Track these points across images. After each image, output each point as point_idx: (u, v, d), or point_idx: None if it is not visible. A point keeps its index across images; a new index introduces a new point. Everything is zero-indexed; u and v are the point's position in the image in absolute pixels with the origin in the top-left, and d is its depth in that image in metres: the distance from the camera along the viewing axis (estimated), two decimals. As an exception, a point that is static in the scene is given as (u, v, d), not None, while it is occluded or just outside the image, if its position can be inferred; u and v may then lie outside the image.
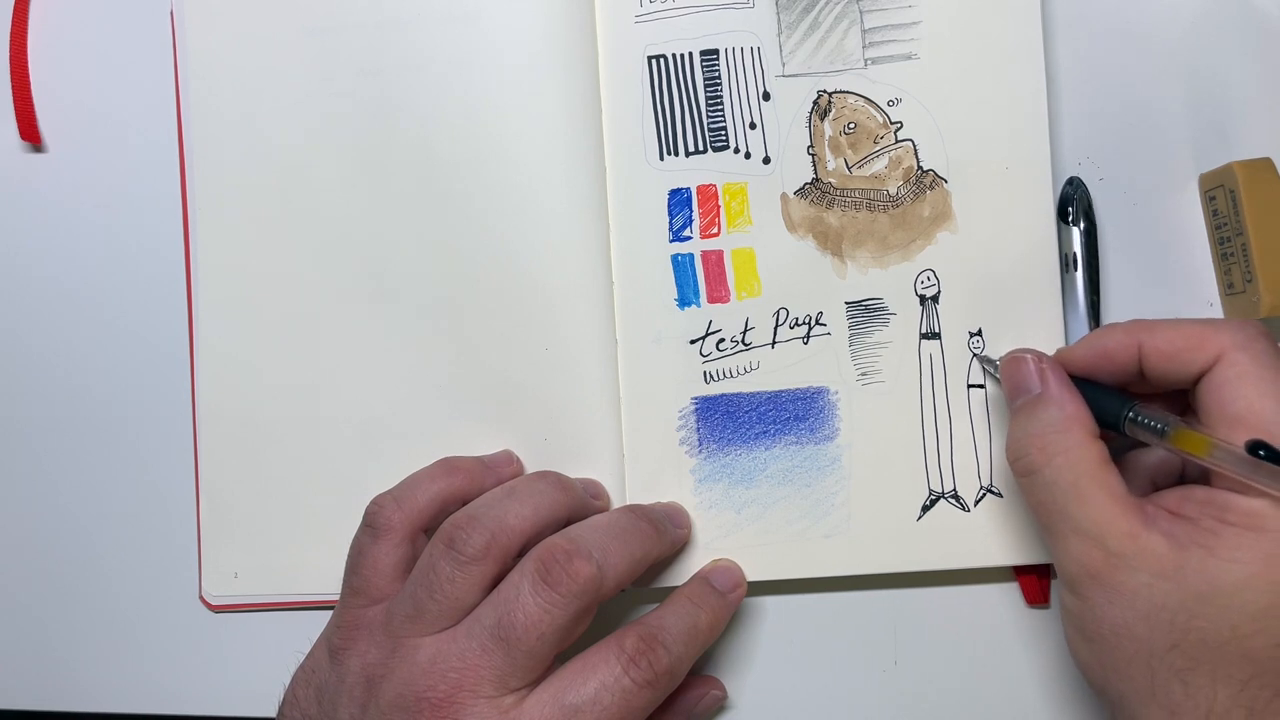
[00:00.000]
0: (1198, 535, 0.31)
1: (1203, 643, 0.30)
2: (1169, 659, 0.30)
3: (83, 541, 0.45)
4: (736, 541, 0.41)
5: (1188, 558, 0.30)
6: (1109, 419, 0.34)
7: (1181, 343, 0.32)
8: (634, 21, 0.41)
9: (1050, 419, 0.33)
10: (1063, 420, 0.33)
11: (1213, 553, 0.30)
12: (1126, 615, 0.31)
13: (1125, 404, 0.34)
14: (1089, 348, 0.35)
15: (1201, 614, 0.30)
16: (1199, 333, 0.32)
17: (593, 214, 0.41)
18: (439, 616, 0.34)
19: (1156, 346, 0.33)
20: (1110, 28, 0.41)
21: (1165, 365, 0.33)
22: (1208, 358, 0.32)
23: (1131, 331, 0.34)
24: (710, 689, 0.40)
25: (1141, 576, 0.31)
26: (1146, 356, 0.33)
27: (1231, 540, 0.30)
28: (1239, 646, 0.30)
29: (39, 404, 0.46)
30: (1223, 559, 0.30)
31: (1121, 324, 0.34)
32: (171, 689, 0.45)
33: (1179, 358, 0.33)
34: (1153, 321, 0.34)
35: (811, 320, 0.41)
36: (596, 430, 0.41)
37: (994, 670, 0.41)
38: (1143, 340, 0.33)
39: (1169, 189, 0.41)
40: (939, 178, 0.40)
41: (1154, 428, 0.33)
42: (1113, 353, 0.34)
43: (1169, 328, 0.33)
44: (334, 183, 0.43)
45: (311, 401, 0.43)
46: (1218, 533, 0.30)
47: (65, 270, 0.46)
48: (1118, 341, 0.34)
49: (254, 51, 0.43)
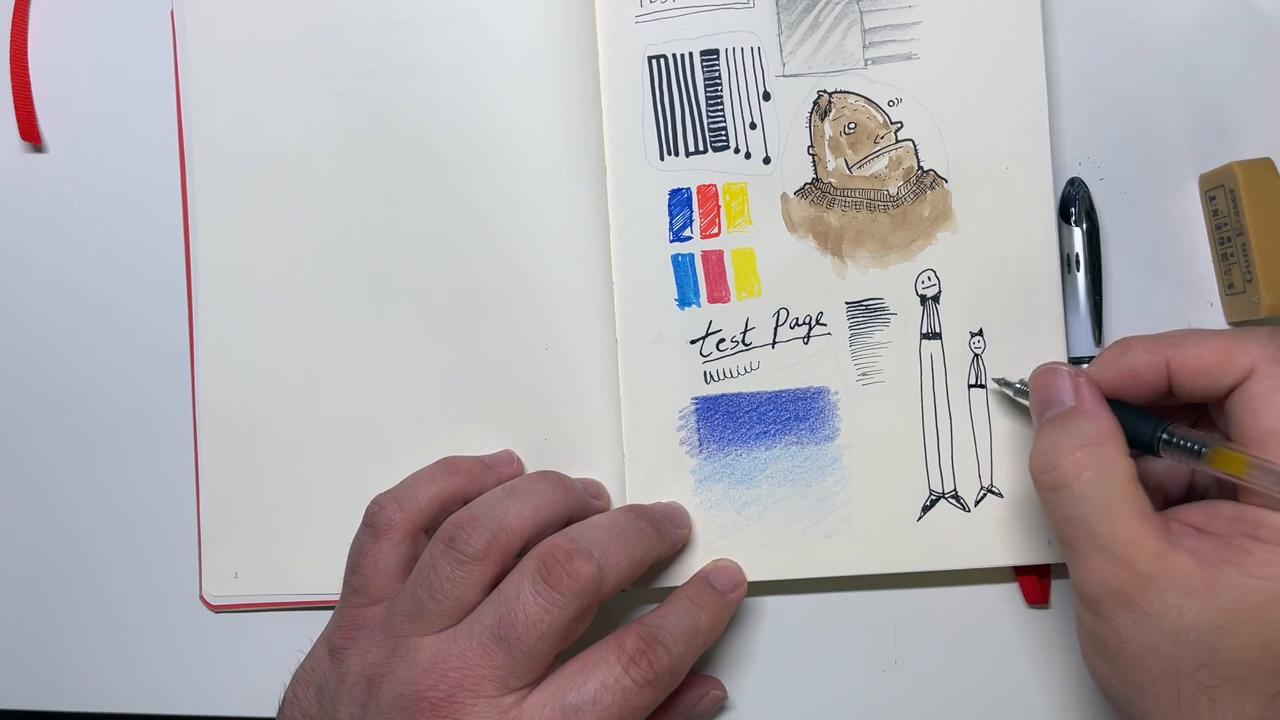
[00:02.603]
0: (1228, 553, 0.30)
1: (1233, 660, 0.30)
2: (1197, 677, 0.30)
3: (83, 541, 0.45)
4: (736, 541, 0.41)
5: (1218, 575, 0.30)
6: (1141, 439, 0.33)
7: (1211, 358, 0.32)
8: (634, 21, 0.41)
9: (1084, 432, 0.32)
10: (1096, 434, 0.32)
11: (1244, 570, 0.30)
12: (1153, 636, 0.30)
13: (1158, 424, 0.33)
14: (1115, 368, 0.34)
15: (1233, 632, 0.29)
16: (1228, 346, 0.32)
17: (593, 214, 0.41)
18: (439, 616, 0.34)
19: (1186, 363, 0.32)
20: (1110, 28, 0.41)
21: (1195, 382, 0.32)
22: (1239, 372, 0.31)
23: (1157, 349, 0.33)
24: (710, 689, 0.40)
25: (1171, 598, 0.30)
26: (1176, 374, 0.33)
27: (1264, 558, 0.30)
28: (1269, 662, 0.29)
29: (39, 404, 0.46)
30: (1255, 576, 0.29)
31: (1143, 340, 0.33)
32: (171, 689, 0.45)
33: (1209, 373, 0.32)
34: (1177, 336, 0.33)
35: (812, 320, 0.41)
36: (596, 430, 0.41)
37: (994, 670, 0.41)
38: (1170, 357, 0.33)
39: (1169, 189, 0.41)
40: (939, 178, 0.40)
41: (1190, 448, 0.32)
42: (1141, 372, 0.33)
43: (1196, 343, 0.32)
44: (334, 183, 0.43)
45: (312, 401, 0.43)
46: (1249, 550, 0.30)
47: (65, 270, 0.46)
48: (1145, 361, 0.33)
49: (254, 51, 0.43)
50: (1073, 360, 0.40)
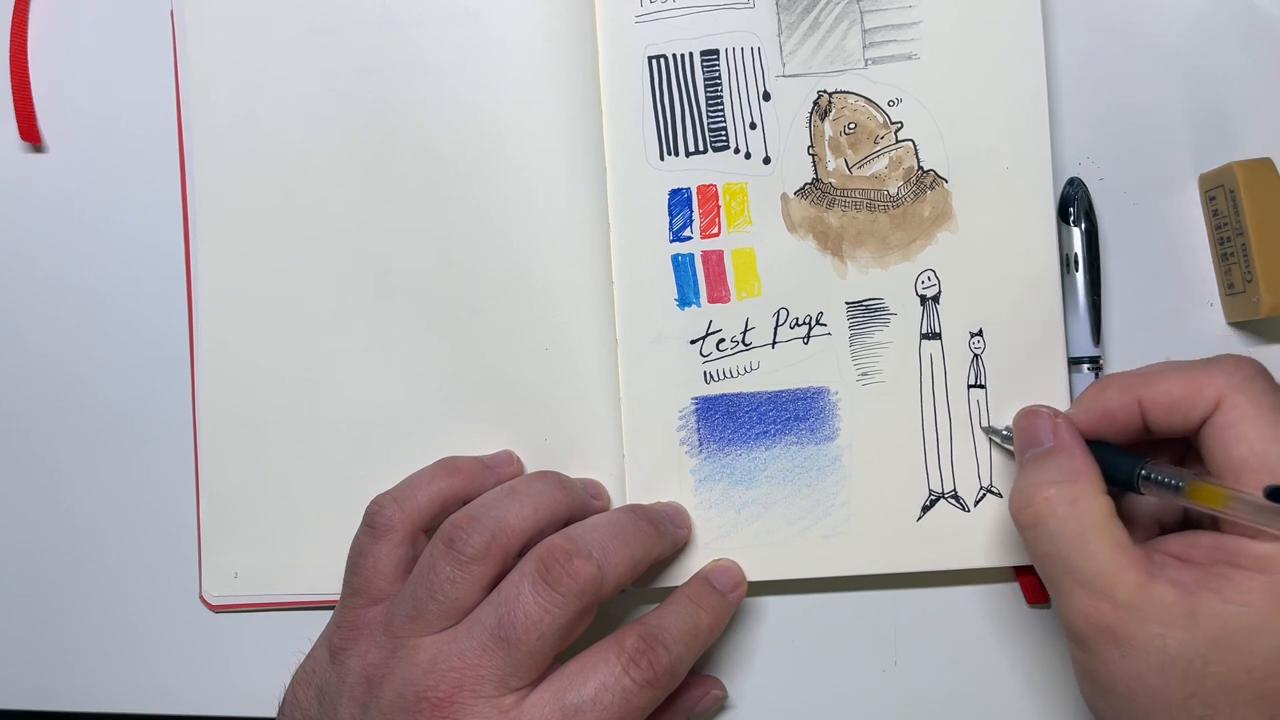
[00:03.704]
0: (1208, 580, 0.30)
1: (1220, 688, 0.30)
2: (1188, 706, 0.30)
3: (83, 541, 0.45)
4: (736, 541, 0.41)
5: (1199, 604, 0.30)
6: (1122, 477, 0.34)
7: (1179, 392, 0.32)
8: (634, 21, 0.41)
9: (1059, 469, 0.33)
10: (1071, 471, 0.33)
11: (1224, 598, 0.30)
12: (1140, 668, 0.30)
13: (1136, 462, 0.33)
14: (1090, 411, 0.35)
15: (1217, 660, 0.30)
16: (1194, 379, 0.32)
17: (593, 214, 0.41)
18: (439, 616, 0.34)
19: (1156, 400, 0.33)
20: (1110, 28, 0.41)
21: (1168, 417, 0.33)
22: (1208, 403, 0.32)
23: (1128, 388, 0.34)
24: (710, 689, 0.41)
25: (1153, 628, 0.30)
26: (1148, 411, 0.33)
27: (1244, 584, 0.30)
28: (1256, 689, 0.29)
29: (39, 404, 0.46)
30: (1235, 603, 0.30)
31: (1117, 379, 0.34)
32: (171, 689, 0.45)
33: (1179, 408, 0.32)
34: (1147, 373, 0.34)
35: (812, 320, 0.41)
36: (596, 430, 0.41)
37: (994, 670, 0.41)
38: (1141, 396, 0.33)
39: (1169, 189, 0.41)
40: (939, 178, 0.40)
41: (1168, 484, 0.32)
42: (1115, 412, 0.34)
43: (1165, 378, 0.33)
44: (334, 183, 0.43)
45: (312, 401, 0.43)
46: (1229, 577, 0.30)
47: (65, 270, 0.46)
48: (1117, 401, 0.34)
49: (254, 51, 0.43)
50: (1072, 360, 0.40)
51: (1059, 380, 0.40)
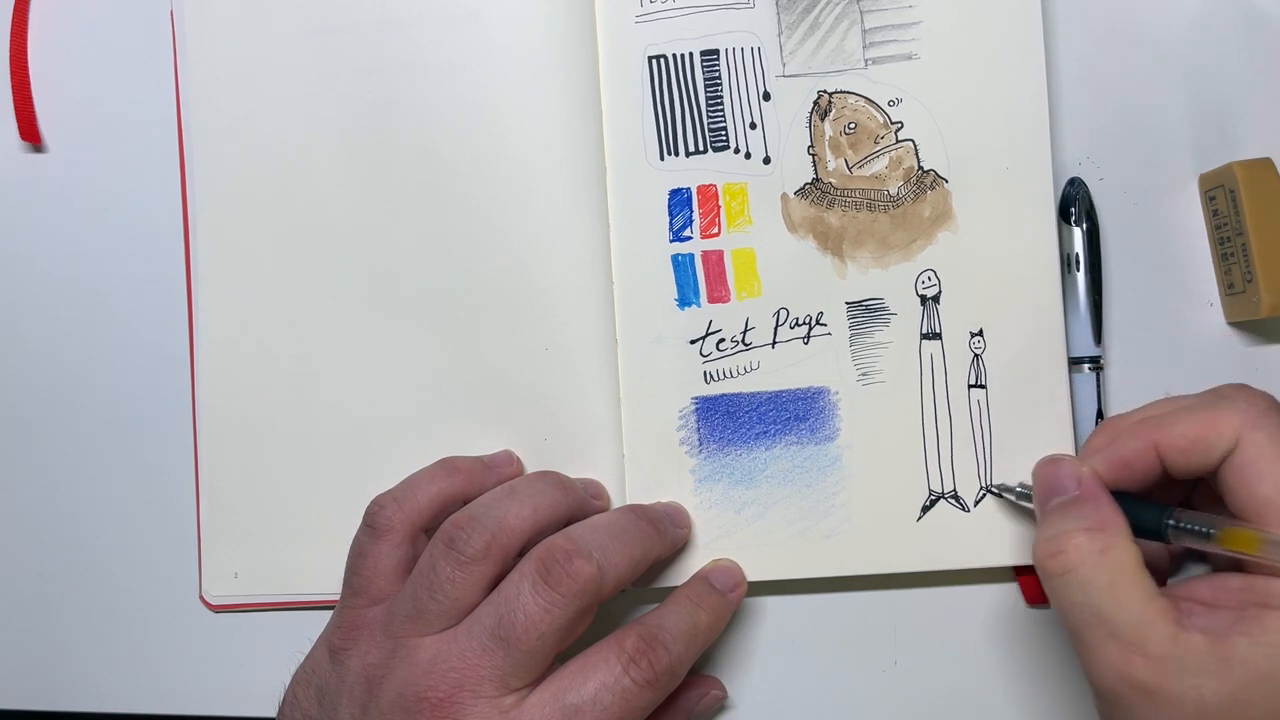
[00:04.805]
0: (1239, 625, 0.30)
1: None
2: None
3: (83, 541, 0.45)
4: (736, 541, 0.41)
5: (1232, 650, 0.30)
6: (1147, 526, 0.33)
7: (1195, 433, 0.32)
8: (634, 21, 0.41)
9: (1087, 518, 0.33)
10: (1100, 520, 0.32)
11: (1256, 640, 0.30)
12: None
13: (1163, 510, 0.33)
14: (1107, 461, 0.34)
15: (1253, 704, 0.29)
16: (1209, 418, 0.32)
17: (593, 214, 0.41)
18: (439, 616, 0.34)
19: (1173, 444, 0.33)
20: (1110, 28, 0.41)
21: (1186, 460, 0.33)
22: (1226, 443, 0.32)
23: (1143, 434, 0.33)
24: (710, 689, 0.41)
25: (1188, 679, 0.30)
26: (1165, 455, 0.33)
27: (1276, 625, 0.30)
28: None
29: (39, 404, 0.46)
30: (1268, 645, 0.29)
31: (1128, 425, 0.34)
32: (171, 689, 0.45)
33: (1196, 450, 0.32)
34: (1157, 415, 0.33)
35: (812, 320, 0.41)
36: (596, 430, 0.41)
37: (994, 670, 0.41)
38: (1157, 440, 0.33)
39: (1169, 189, 0.41)
40: (939, 178, 0.40)
41: (1199, 531, 0.32)
42: (1132, 461, 0.34)
43: (1178, 420, 0.33)
44: (334, 183, 0.43)
45: (311, 401, 0.43)
46: (1261, 620, 0.30)
47: (65, 270, 0.46)
48: (1133, 449, 0.33)
49: (254, 51, 0.43)
50: (1073, 360, 0.40)
51: (1059, 380, 0.39)
